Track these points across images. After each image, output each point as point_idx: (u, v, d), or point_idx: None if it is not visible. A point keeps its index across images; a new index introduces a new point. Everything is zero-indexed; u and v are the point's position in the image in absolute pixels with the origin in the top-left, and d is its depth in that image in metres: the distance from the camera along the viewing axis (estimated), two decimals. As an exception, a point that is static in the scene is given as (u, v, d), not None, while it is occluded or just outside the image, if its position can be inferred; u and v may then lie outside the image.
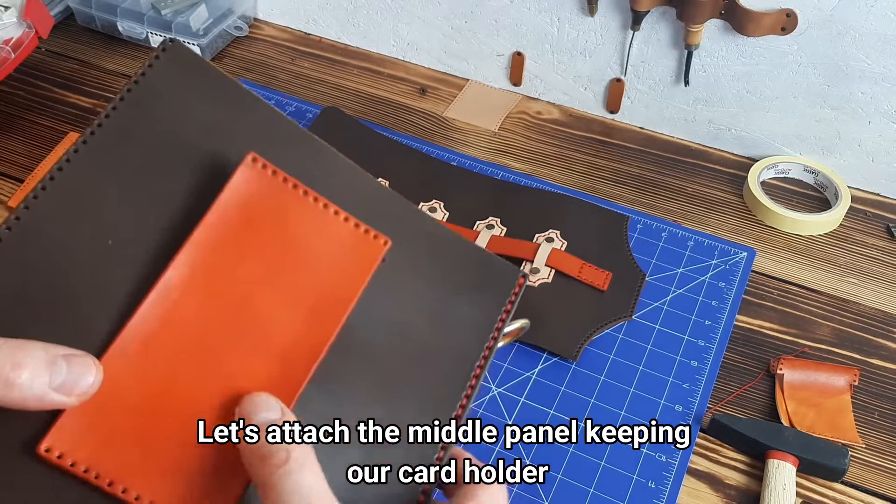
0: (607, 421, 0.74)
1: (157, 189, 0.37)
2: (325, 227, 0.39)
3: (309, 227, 0.39)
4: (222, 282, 0.36)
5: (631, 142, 1.04)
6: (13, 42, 0.97)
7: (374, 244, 0.41)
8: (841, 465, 0.69)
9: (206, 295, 0.36)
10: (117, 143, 0.39)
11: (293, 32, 1.20)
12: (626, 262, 0.86)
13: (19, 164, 0.98)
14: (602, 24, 1.00)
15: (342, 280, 0.39)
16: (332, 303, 0.38)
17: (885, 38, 0.87)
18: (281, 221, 0.38)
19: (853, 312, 0.84)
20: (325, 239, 0.39)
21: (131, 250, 0.36)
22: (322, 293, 0.38)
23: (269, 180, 0.39)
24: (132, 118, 0.40)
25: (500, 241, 0.86)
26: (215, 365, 0.35)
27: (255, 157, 0.39)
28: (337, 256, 0.39)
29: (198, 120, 0.40)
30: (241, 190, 0.38)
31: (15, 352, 0.31)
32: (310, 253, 0.39)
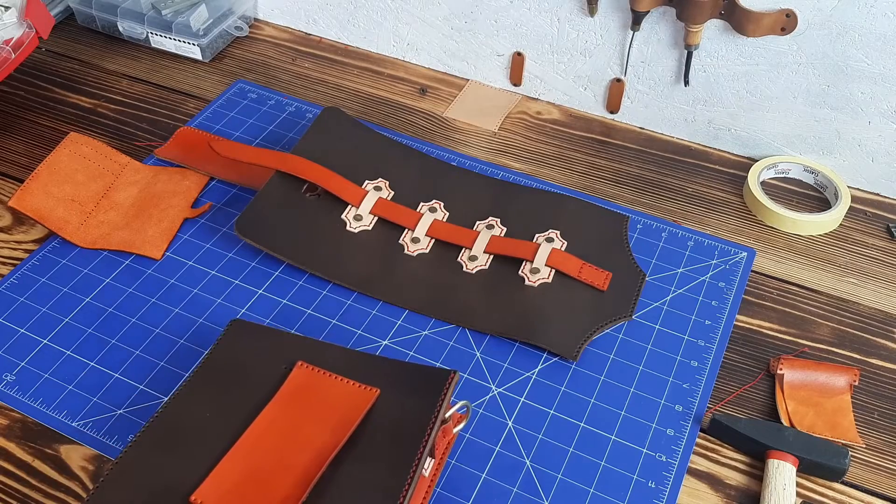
0: (607, 421, 0.74)
1: (247, 385, 0.70)
2: (337, 388, 0.69)
3: (329, 390, 0.69)
4: (282, 424, 0.66)
5: (631, 142, 1.04)
6: (13, 42, 0.97)
7: (368, 394, 0.68)
8: (841, 465, 0.69)
9: (273, 431, 0.66)
10: (213, 374, 0.71)
11: (293, 32, 1.20)
12: (626, 262, 0.86)
13: (19, 164, 0.98)
14: (602, 25, 1.00)
15: (350, 414, 0.66)
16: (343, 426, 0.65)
17: (884, 38, 0.87)
18: (314, 389, 0.69)
19: (853, 312, 0.85)
20: (339, 394, 0.68)
21: (236, 414, 0.68)
22: (338, 421, 0.66)
23: (308, 371, 0.70)
24: (221, 359, 0.73)
25: (500, 241, 0.86)
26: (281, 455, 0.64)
27: (301, 363, 0.71)
28: (346, 403, 0.68)
29: (259, 352, 0.73)
30: (296, 377, 0.70)
31: None
32: (330, 402, 0.68)
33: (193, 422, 0.67)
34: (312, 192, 0.90)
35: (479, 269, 0.85)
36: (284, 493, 0.61)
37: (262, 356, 0.72)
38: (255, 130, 1.03)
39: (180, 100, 1.08)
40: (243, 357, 0.72)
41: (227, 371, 0.71)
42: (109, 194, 0.92)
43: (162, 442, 0.66)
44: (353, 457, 0.64)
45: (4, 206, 0.92)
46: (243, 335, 0.74)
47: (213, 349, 0.73)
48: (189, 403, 0.68)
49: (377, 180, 0.92)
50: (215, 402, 0.68)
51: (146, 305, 0.82)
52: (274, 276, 0.85)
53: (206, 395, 0.69)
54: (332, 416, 0.66)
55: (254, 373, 0.71)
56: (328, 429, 0.65)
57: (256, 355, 0.72)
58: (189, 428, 0.66)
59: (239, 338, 0.74)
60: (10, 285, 0.83)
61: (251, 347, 0.73)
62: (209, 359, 0.72)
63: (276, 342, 0.73)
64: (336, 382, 0.69)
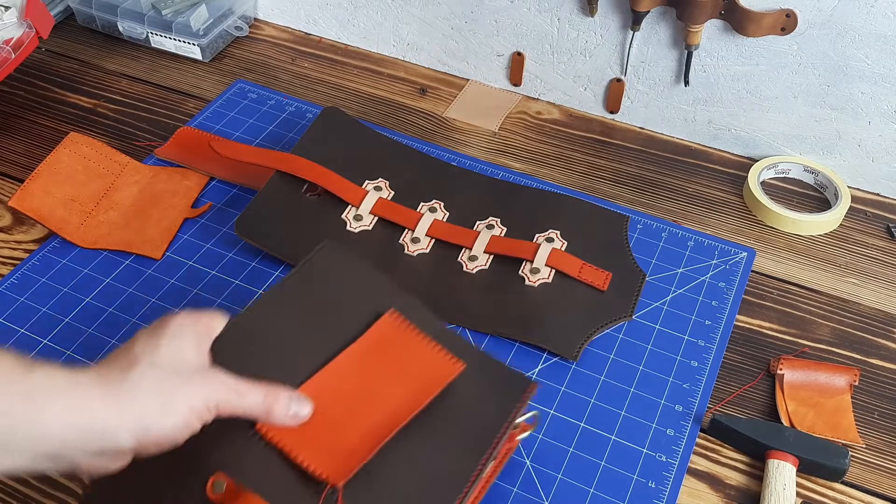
0: (607, 421, 0.74)
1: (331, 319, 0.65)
2: (424, 350, 0.64)
3: (415, 348, 0.64)
4: (363, 368, 0.62)
5: (631, 142, 1.04)
6: (13, 42, 0.97)
7: (453, 365, 0.64)
8: (841, 465, 0.69)
9: (354, 373, 0.62)
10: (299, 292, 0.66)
11: (293, 32, 1.20)
12: (626, 262, 0.86)
13: (19, 164, 0.98)
14: (602, 25, 1.00)
15: (431, 381, 0.62)
16: (422, 392, 0.61)
17: (884, 38, 0.87)
18: (400, 343, 0.64)
19: (853, 312, 0.84)
20: (424, 356, 0.64)
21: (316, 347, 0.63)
22: (418, 384, 0.62)
23: (397, 322, 0.65)
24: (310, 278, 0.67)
25: (500, 241, 0.86)
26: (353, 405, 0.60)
27: (393, 310, 0.65)
28: (429, 367, 0.63)
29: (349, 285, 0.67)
30: (384, 324, 0.65)
31: (274, 390, 0.56)
32: (413, 362, 0.63)
33: (271, 339, 0.62)
34: (312, 192, 0.90)
35: (479, 269, 0.85)
36: (351, 445, 0.57)
37: (351, 289, 0.67)
38: (255, 130, 1.03)
39: (180, 100, 1.08)
40: (333, 284, 0.67)
41: (314, 294, 0.65)
42: (109, 194, 0.92)
43: (236, 352, 0.60)
44: (424, 429, 0.60)
45: (4, 206, 0.92)
46: (336, 261, 0.68)
47: (305, 265, 0.67)
48: (270, 317, 0.63)
49: (377, 180, 0.92)
50: (297, 324, 0.63)
51: (146, 305, 0.82)
52: (274, 276, 0.85)
53: (288, 310, 0.64)
54: (413, 378, 0.62)
55: (340, 305, 0.65)
56: (406, 390, 0.61)
57: (346, 286, 0.67)
58: (265, 344, 0.62)
59: (331, 261, 0.68)
60: (10, 285, 0.83)
61: (342, 276, 0.67)
62: (299, 273, 0.66)
63: (368, 279, 0.68)
64: (424, 343, 0.64)
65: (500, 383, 0.65)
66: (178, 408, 0.51)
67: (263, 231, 0.86)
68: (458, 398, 0.63)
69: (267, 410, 0.55)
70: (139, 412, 0.50)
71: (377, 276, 0.69)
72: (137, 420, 0.50)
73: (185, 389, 0.52)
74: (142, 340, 0.55)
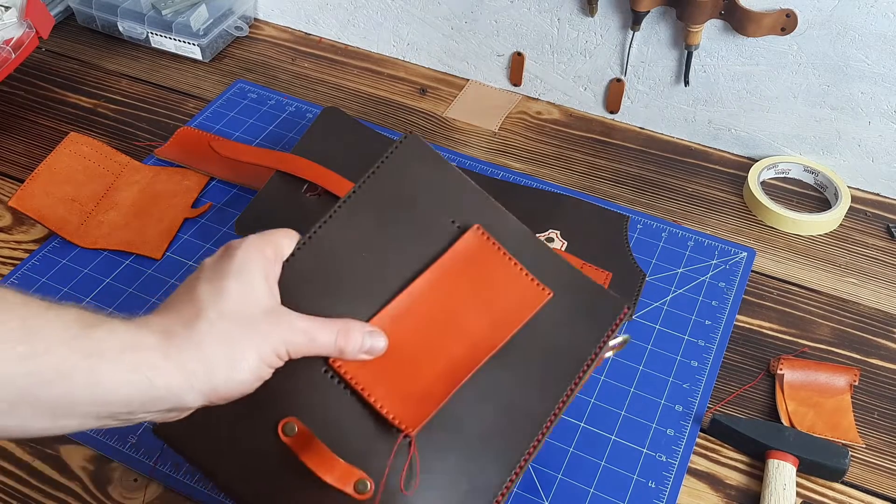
0: (607, 421, 0.74)
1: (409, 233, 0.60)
2: (511, 275, 0.60)
3: (501, 274, 0.60)
4: (443, 295, 0.58)
5: (631, 142, 1.04)
6: (13, 42, 0.97)
7: (540, 293, 0.60)
8: (841, 465, 0.69)
9: (432, 299, 0.58)
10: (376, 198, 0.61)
11: (293, 33, 1.20)
12: (626, 262, 0.86)
13: (19, 164, 0.98)
14: (602, 25, 1.00)
15: (516, 311, 0.59)
16: (505, 323, 0.58)
17: (884, 38, 0.87)
18: (485, 266, 0.60)
19: (853, 312, 0.84)
20: (510, 283, 0.60)
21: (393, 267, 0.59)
22: (501, 315, 0.58)
23: (483, 241, 0.61)
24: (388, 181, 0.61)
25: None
26: (431, 337, 0.57)
27: (479, 227, 0.61)
28: (515, 295, 0.59)
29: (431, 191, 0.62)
30: (468, 243, 0.60)
31: (346, 326, 0.54)
32: (498, 290, 0.59)
33: (344, 258, 0.58)
34: (312, 192, 0.90)
35: (479, 269, 0.85)
36: (428, 382, 0.55)
37: (435, 196, 0.61)
38: (255, 130, 1.03)
39: (180, 100, 1.08)
40: (413, 188, 0.61)
41: (392, 201, 0.60)
42: (109, 194, 0.92)
43: (308, 276, 0.57)
44: (507, 357, 0.57)
45: (4, 206, 0.92)
46: (417, 158, 0.62)
47: (384, 163, 0.62)
48: (343, 232, 0.59)
49: None
50: (372, 239, 0.59)
51: (146, 305, 0.82)
52: (274, 276, 0.85)
53: (363, 223, 0.60)
54: (497, 306, 0.58)
55: (421, 216, 0.60)
56: (489, 319, 0.57)
57: (429, 192, 0.61)
58: (338, 265, 0.58)
59: (411, 161, 0.62)
60: (10, 285, 0.83)
61: (424, 178, 0.62)
62: (376, 176, 0.61)
63: (454, 184, 0.62)
64: (510, 267, 0.60)
65: (591, 306, 0.61)
66: (248, 361, 0.49)
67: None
68: (546, 325, 0.60)
69: (340, 349, 0.53)
70: (207, 370, 0.48)
71: (463, 181, 0.63)
72: (205, 379, 0.48)
73: (254, 338, 0.50)
74: (206, 278, 0.52)
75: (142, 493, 0.68)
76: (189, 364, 0.47)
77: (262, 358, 0.50)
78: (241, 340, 0.49)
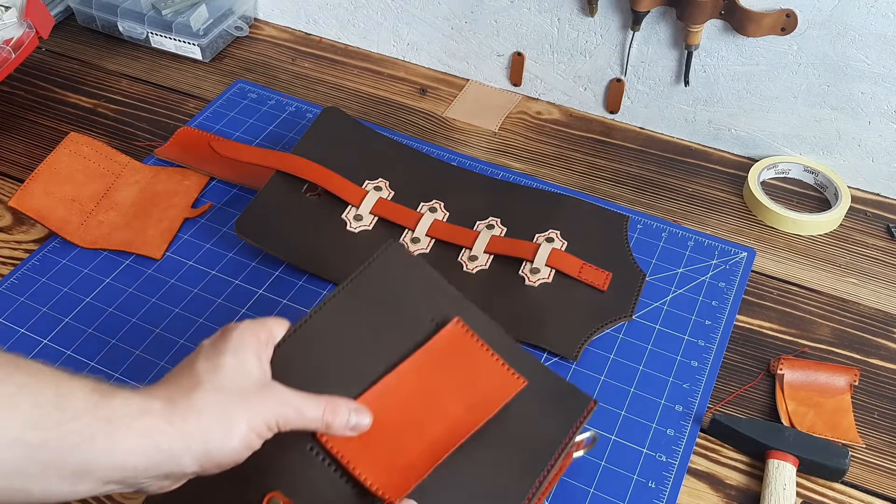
0: (607, 421, 0.74)
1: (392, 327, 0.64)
2: (488, 364, 0.63)
3: (479, 362, 0.63)
4: (425, 379, 0.61)
5: (631, 142, 1.04)
6: (13, 42, 0.97)
7: (515, 381, 0.63)
8: (841, 466, 0.69)
9: (415, 383, 0.61)
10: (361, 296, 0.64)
11: (293, 33, 1.20)
12: (626, 262, 0.86)
13: (19, 164, 0.98)
14: (602, 25, 1.00)
15: (493, 396, 0.62)
16: (483, 407, 0.61)
17: (884, 38, 0.87)
18: (464, 355, 0.63)
19: (853, 312, 0.84)
20: (487, 371, 0.63)
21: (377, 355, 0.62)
22: (479, 400, 0.61)
23: (462, 332, 0.64)
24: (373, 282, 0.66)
25: (500, 241, 0.86)
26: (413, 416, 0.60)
27: (459, 319, 0.64)
28: (492, 383, 0.62)
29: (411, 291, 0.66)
30: (449, 333, 0.64)
31: (333, 402, 0.56)
32: (476, 377, 0.62)
33: (332, 345, 0.62)
34: (312, 192, 0.90)
35: (479, 269, 0.85)
36: (410, 459, 0.58)
37: (415, 294, 0.66)
38: (255, 130, 1.03)
39: (180, 100, 1.08)
40: (396, 288, 0.66)
41: (376, 298, 0.65)
42: (109, 194, 0.92)
43: (298, 359, 0.60)
44: (482, 444, 0.60)
45: (4, 206, 0.92)
46: (399, 263, 0.67)
47: (368, 267, 0.66)
48: (332, 322, 0.63)
49: (377, 180, 0.92)
50: (358, 330, 0.63)
51: (146, 305, 0.82)
52: (274, 276, 0.85)
53: (350, 316, 0.64)
54: (474, 392, 0.61)
55: (403, 311, 0.65)
56: (467, 404, 0.60)
57: (410, 291, 0.66)
58: (326, 351, 0.62)
59: (394, 265, 0.67)
60: (10, 285, 0.83)
61: (406, 280, 0.66)
62: (362, 276, 0.65)
63: (432, 284, 0.67)
64: (487, 356, 0.63)
65: (560, 400, 0.65)
66: (239, 429, 0.52)
67: (263, 231, 0.86)
68: (519, 414, 0.63)
69: (327, 424, 0.56)
70: (203, 435, 0.51)
71: (441, 281, 0.68)
72: (201, 443, 0.51)
73: (246, 410, 0.53)
74: (204, 355, 0.55)
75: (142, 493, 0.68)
76: (187, 428, 0.51)
77: (253, 428, 0.53)
78: (234, 411, 0.52)
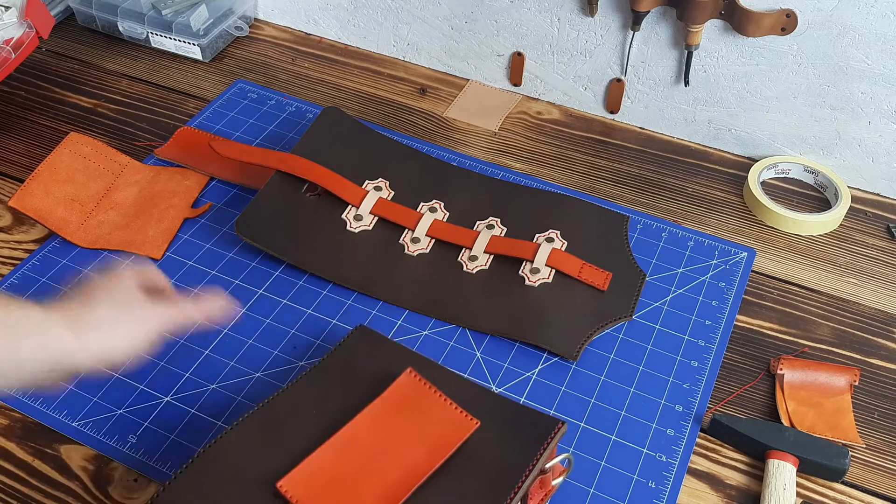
0: (607, 421, 0.74)
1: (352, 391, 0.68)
2: (440, 409, 0.66)
3: (432, 407, 0.66)
4: (382, 428, 0.65)
5: (631, 142, 1.04)
6: (13, 42, 0.97)
7: (468, 423, 0.65)
8: (841, 466, 0.69)
9: (373, 432, 0.64)
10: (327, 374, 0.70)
11: (293, 33, 1.20)
12: (626, 262, 0.86)
13: (19, 164, 0.98)
14: (602, 25, 1.00)
15: (447, 439, 0.64)
16: (438, 450, 0.64)
17: (885, 39, 0.87)
18: (417, 402, 0.66)
19: (853, 312, 0.84)
20: (440, 415, 0.66)
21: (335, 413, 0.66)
22: (434, 443, 0.64)
23: (414, 381, 0.68)
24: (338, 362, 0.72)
25: (501, 241, 0.86)
26: (371, 464, 0.62)
27: (411, 369, 0.68)
28: (445, 426, 0.65)
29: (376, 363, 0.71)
30: (402, 383, 0.67)
31: None
32: (430, 421, 0.65)
33: (298, 415, 0.66)
34: (312, 192, 0.90)
35: (479, 269, 0.85)
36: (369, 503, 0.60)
37: (375, 361, 0.71)
38: (255, 130, 1.03)
39: (180, 100, 1.08)
40: (358, 360, 0.71)
41: (340, 371, 0.70)
42: (110, 194, 0.92)
43: (264, 428, 0.65)
44: (441, 485, 0.62)
45: (4, 205, 0.92)
46: (365, 341, 0.73)
47: (335, 351, 0.72)
48: (299, 397, 0.68)
49: (377, 180, 0.92)
50: (322, 399, 0.68)
51: (146, 305, 0.82)
52: (274, 276, 0.85)
53: (316, 391, 0.69)
54: (429, 436, 0.65)
55: (364, 375, 0.70)
56: (423, 448, 0.64)
57: (371, 360, 0.71)
58: (293, 420, 0.66)
59: (360, 342, 0.73)
60: (10, 285, 0.83)
61: (368, 353, 0.72)
62: (330, 358, 0.71)
63: (393, 352, 0.72)
64: (439, 401, 0.66)
65: (523, 428, 0.66)
66: None
67: (263, 231, 0.86)
68: (479, 449, 0.65)
69: None
70: None
71: (401, 350, 0.73)
72: None
73: None
74: None
75: (142, 492, 0.68)
76: None
77: None
78: None
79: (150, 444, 0.71)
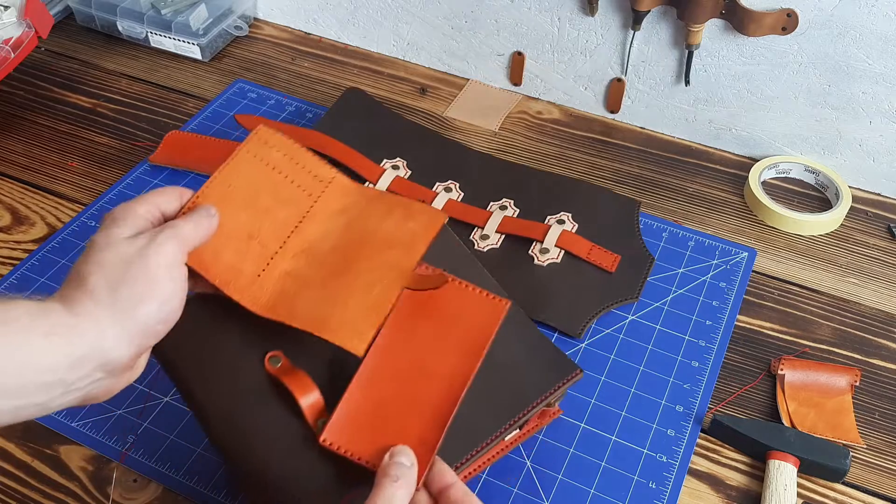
0: (608, 421, 0.74)
1: None
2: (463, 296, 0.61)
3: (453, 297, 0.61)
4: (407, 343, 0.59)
5: (631, 142, 1.04)
6: (13, 42, 0.97)
7: (498, 304, 0.61)
8: (842, 466, 0.69)
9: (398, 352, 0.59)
10: None
11: (293, 32, 1.20)
12: (636, 245, 0.87)
13: (19, 164, 0.98)
14: (602, 24, 1.00)
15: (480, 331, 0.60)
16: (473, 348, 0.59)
17: (885, 38, 0.87)
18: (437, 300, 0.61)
19: (854, 312, 0.84)
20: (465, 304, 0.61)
21: None
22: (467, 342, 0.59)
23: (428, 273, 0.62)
24: None
25: (512, 222, 0.87)
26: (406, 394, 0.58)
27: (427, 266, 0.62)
28: (475, 317, 0.60)
29: None
30: None
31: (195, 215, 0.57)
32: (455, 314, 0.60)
33: None
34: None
35: (490, 248, 0.86)
36: (417, 434, 0.55)
37: None
38: (255, 130, 1.03)
39: (180, 99, 1.08)
40: None
41: None
42: (303, 228, 0.61)
43: None
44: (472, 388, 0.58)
45: (4, 205, 0.92)
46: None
47: None
48: None
49: (395, 159, 0.93)
50: None
51: (146, 305, 0.81)
52: (274, 276, 0.85)
53: None
54: (460, 335, 0.59)
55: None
56: (456, 349, 0.58)
57: None
58: None
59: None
60: (10, 285, 0.83)
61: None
62: None
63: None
64: (461, 289, 0.60)
65: (549, 362, 0.65)
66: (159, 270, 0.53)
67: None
68: (506, 363, 0.63)
69: None
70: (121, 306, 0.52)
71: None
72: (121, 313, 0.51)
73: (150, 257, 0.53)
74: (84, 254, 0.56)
75: (142, 493, 0.68)
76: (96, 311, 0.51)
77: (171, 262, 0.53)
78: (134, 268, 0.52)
79: (150, 445, 0.71)
